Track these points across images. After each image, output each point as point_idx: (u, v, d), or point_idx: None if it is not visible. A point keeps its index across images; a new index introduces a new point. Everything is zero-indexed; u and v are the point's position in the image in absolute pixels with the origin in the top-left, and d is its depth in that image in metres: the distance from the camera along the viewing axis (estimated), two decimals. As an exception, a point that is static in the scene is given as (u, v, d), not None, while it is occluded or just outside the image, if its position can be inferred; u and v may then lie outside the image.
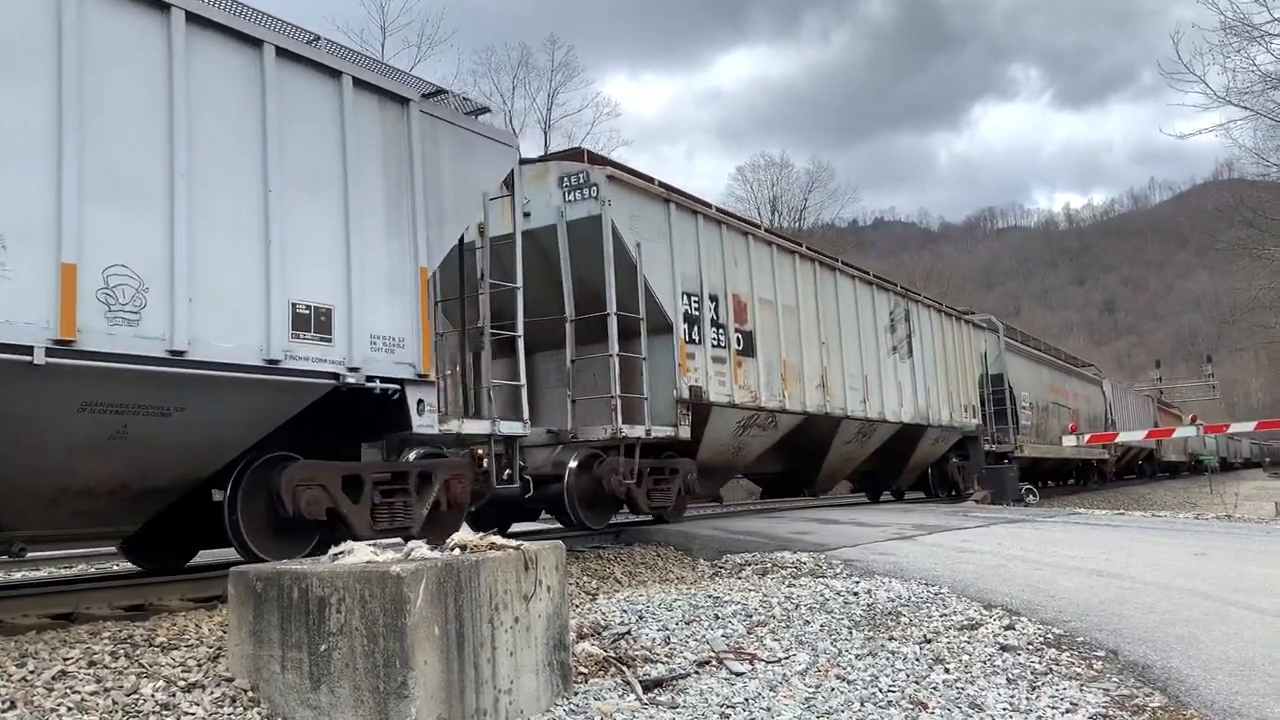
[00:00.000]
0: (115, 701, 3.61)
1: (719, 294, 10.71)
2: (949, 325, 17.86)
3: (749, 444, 11.62)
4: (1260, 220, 25.51)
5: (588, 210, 9.41)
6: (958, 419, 17.37)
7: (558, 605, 4.16)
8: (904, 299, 15.83)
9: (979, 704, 3.97)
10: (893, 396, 14.72)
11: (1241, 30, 20.18)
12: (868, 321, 14.35)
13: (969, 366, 18.55)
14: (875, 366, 14.26)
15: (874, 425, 14.19)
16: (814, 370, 12.50)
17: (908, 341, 15.64)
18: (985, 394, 19.70)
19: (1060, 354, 30.92)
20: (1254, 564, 7.65)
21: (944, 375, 17.02)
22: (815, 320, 12.72)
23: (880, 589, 6.51)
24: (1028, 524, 11.30)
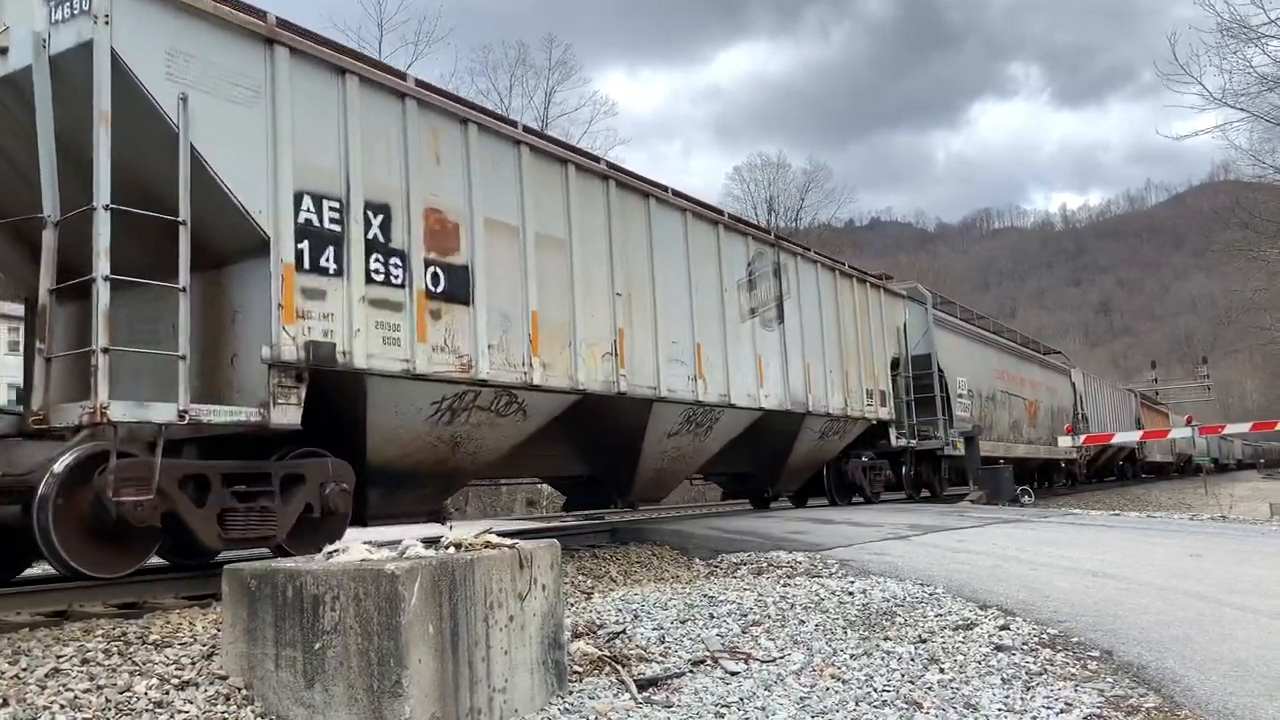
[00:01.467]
0: (109, 699, 3.60)
1: (393, 204, 6.99)
2: (847, 289, 14.44)
3: (477, 438, 8.06)
4: (1256, 222, 25.55)
5: (78, 34, 5.64)
6: (856, 407, 14.06)
7: (553, 604, 4.16)
8: (773, 249, 12.33)
9: (974, 704, 3.97)
10: (748, 375, 11.29)
11: (1238, 32, 20.23)
12: (708, 273, 10.81)
13: (878, 343, 15.27)
14: (718, 333, 10.79)
15: (713, 412, 10.72)
16: (600, 332, 8.93)
17: (777, 305, 12.14)
18: (905, 378, 16.61)
19: (1016, 336, 27.16)
20: (1249, 565, 7.67)
21: (836, 351, 13.63)
22: (606, 262, 9.18)
23: (875, 589, 6.51)
24: (1023, 524, 11.32)
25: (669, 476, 10.98)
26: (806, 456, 13.76)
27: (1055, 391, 27.68)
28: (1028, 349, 27.03)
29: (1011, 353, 24.48)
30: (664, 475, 10.81)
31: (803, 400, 12.55)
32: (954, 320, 20.79)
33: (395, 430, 7.30)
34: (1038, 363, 27.02)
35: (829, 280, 13.90)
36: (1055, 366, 29.00)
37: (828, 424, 13.52)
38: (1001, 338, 24.72)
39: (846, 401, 13.78)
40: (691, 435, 10.69)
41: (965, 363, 19.99)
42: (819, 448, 13.89)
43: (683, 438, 10.59)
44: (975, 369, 20.65)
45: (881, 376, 15.19)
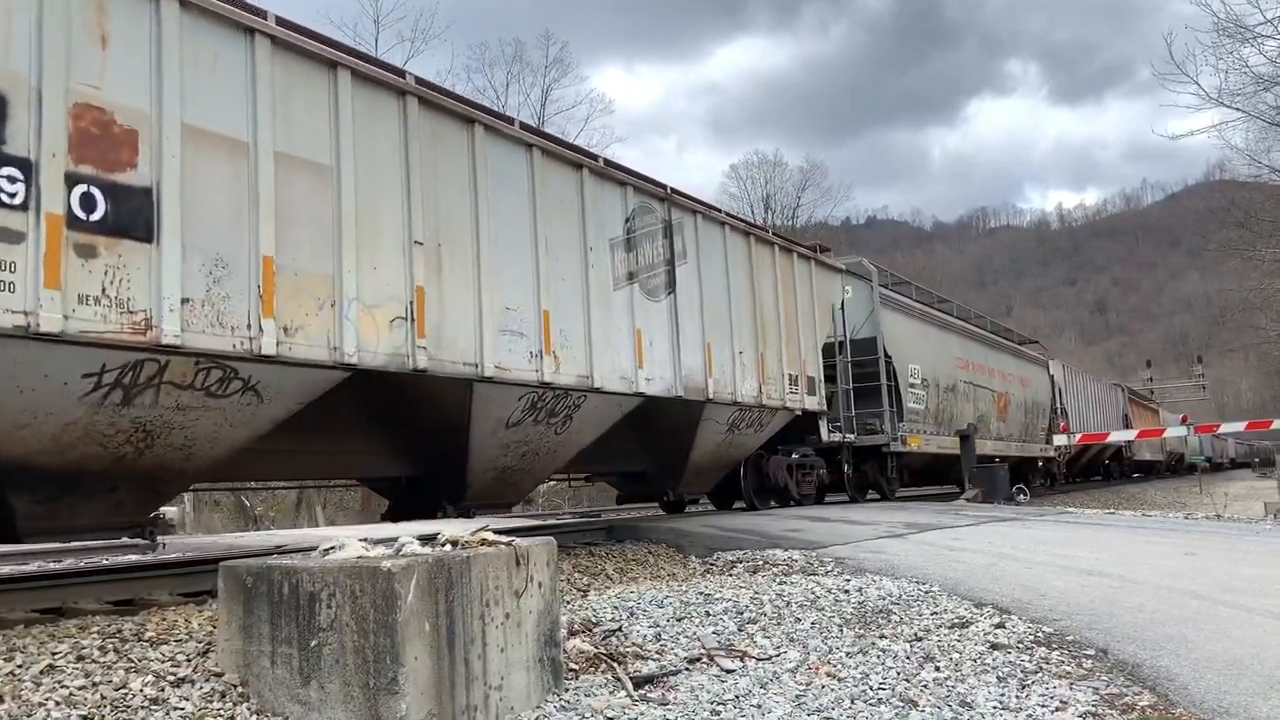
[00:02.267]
0: (104, 696, 3.59)
1: (11, 93, 4.95)
2: (767, 258, 12.24)
3: (184, 426, 5.97)
4: (1252, 222, 25.59)
5: None
6: (776, 395, 11.98)
7: (549, 602, 4.16)
8: (663, 204, 10.17)
9: (969, 702, 3.98)
10: (623, 353, 9.19)
11: (1234, 31, 20.26)
12: (565, 227, 8.68)
13: (807, 322, 13.03)
14: (578, 301, 8.73)
15: (570, 397, 8.64)
16: (388, 290, 6.80)
17: (667, 271, 10.07)
18: (845, 364, 14.82)
19: (986, 323, 24.57)
20: (1243, 563, 7.69)
21: (749, 330, 11.57)
22: (400, 201, 6.99)
23: (871, 587, 6.52)
24: (1018, 522, 11.33)
25: (519, 476, 8.92)
26: (714, 453, 11.66)
27: (1030, 384, 25.47)
28: (1000, 337, 24.72)
29: (978, 340, 22.21)
30: (511, 475, 8.76)
31: (701, 385, 10.41)
32: (906, 301, 18.62)
33: (25, 413, 5.24)
34: (1010, 352, 24.76)
35: (741, 246, 11.68)
36: (1031, 357, 26.91)
37: (738, 415, 11.38)
38: (968, 323, 22.47)
39: (762, 389, 11.64)
40: (543, 426, 8.59)
41: (919, 349, 17.98)
42: (730, 442, 11.74)
43: (529, 429, 8.45)
44: (932, 356, 18.56)
45: (811, 361, 12.99)
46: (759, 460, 12.86)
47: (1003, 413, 22.57)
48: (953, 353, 19.96)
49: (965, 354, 20.74)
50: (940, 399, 18.70)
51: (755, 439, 12.26)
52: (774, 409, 12.05)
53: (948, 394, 19.16)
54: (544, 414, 8.53)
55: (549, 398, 8.42)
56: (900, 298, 18.40)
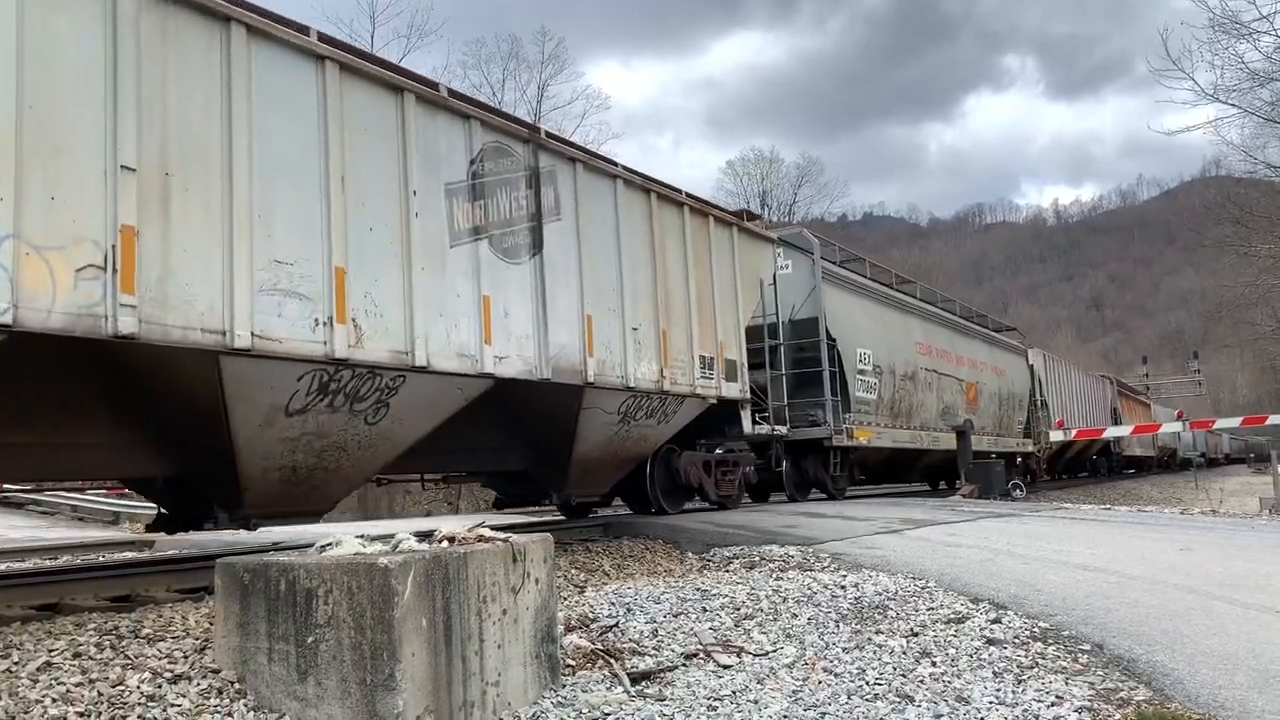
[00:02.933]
0: (101, 693, 3.59)
1: None
2: (673, 221, 10.47)
3: None
4: (1247, 217, 25.65)
5: None
6: (683, 380, 10.23)
7: (546, 598, 4.16)
8: (527, 146, 8.36)
9: (965, 697, 3.99)
10: (462, 324, 7.46)
11: (1230, 27, 20.30)
12: (378, 165, 6.89)
13: (727, 298, 11.31)
14: (394, 257, 6.93)
15: (383, 378, 6.83)
16: (72, 228, 5.07)
17: (531, 228, 8.32)
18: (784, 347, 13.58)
19: (955, 306, 22.40)
20: (1239, 559, 7.70)
21: (648, 303, 9.81)
22: (100, 111, 5.29)
23: (868, 583, 6.53)
24: (1014, 518, 11.35)
25: (323, 478, 6.95)
26: (606, 448, 9.72)
27: (1005, 373, 23.49)
28: (970, 322, 22.65)
29: (944, 325, 20.28)
30: (308, 476, 6.85)
31: (578, 367, 8.67)
32: (857, 279, 16.89)
33: None
34: (983, 339, 22.81)
35: (640, 205, 9.93)
36: (1008, 345, 24.84)
37: (632, 402, 9.56)
38: (934, 306, 20.58)
39: (665, 373, 9.91)
40: (345, 414, 6.70)
41: (872, 332, 16.31)
42: (626, 435, 9.85)
43: (323, 417, 6.61)
44: (888, 340, 16.85)
45: (731, 342, 11.27)
46: (669, 456, 11.06)
47: (972, 404, 20.70)
48: (913, 337, 18.11)
49: (928, 339, 18.85)
50: (897, 388, 16.94)
51: (660, 431, 10.37)
52: (681, 396, 10.22)
53: (906, 382, 17.34)
54: (343, 398, 6.60)
55: (347, 378, 6.51)
56: (849, 275, 16.64)
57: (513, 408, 8.69)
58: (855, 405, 15.21)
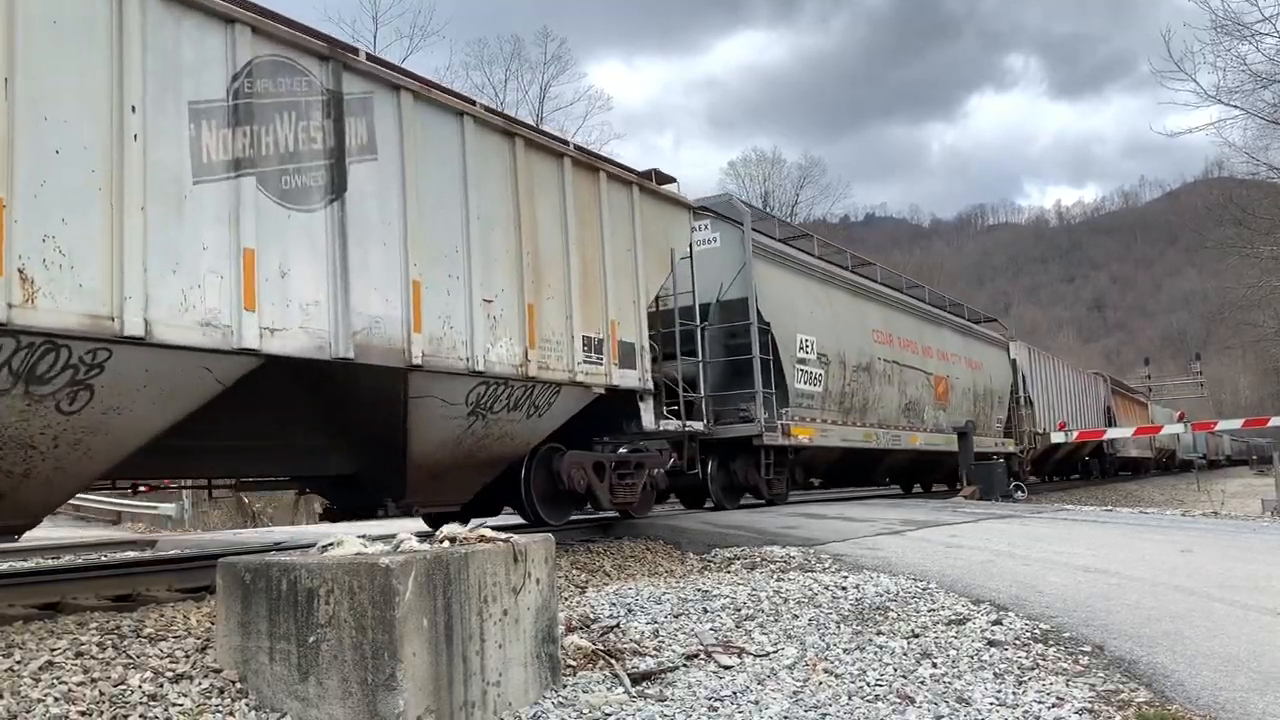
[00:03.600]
0: (102, 692, 3.60)
1: None
2: (548, 172, 8.62)
3: None
4: (1249, 219, 25.65)
5: None
6: (559, 365, 8.47)
7: (546, 598, 4.17)
8: (325, 64, 6.65)
9: (966, 698, 3.99)
10: (211, 284, 5.72)
11: (1232, 29, 20.30)
12: (67, 66, 5.13)
13: (624, 269, 9.48)
14: (97, 190, 5.21)
15: (70, 352, 5.09)
16: None
17: (330, 167, 6.57)
18: (705, 331, 11.89)
19: (924, 293, 20.21)
20: (1240, 561, 7.70)
21: (509, 269, 8.02)
22: None
23: (868, 584, 6.53)
24: (1016, 520, 11.35)
25: (5, 485, 5.27)
26: (457, 446, 7.89)
27: (982, 367, 21.39)
28: (944, 311, 20.47)
29: (908, 312, 18.24)
30: None
31: (398, 345, 6.86)
32: (797, 256, 14.66)
33: None
34: (956, 329, 20.59)
35: (499, 151, 8.02)
36: (987, 337, 22.56)
37: (486, 391, 7.74)
38: (899, 292, 18.69)
39: (530, 355, 8.07)
40: (17, 399, 5.04)
41: (817, 316, 14.32)
42: (484, 432, 8.00)
43: None
44: (837, 327, 14.86)
45: (628, 322, 9.39)
46: (550, 457, 9.22)
47: (942, 399, 18.73)
48: (870, 325, 16.16)
49: (889, 327, 16.88)
50: (849, 380, 14.92)
51: (531, 427, 8.52)
52: (555, 384, 8.41)
53: (859, 374, 15.34)
54: (8, 376, 4.92)
55: (9, 348, 4.85)
56: (789, 251, 14.51)
57: (326, 397, 7.18)
58: (795, 399, 13.25)
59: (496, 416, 8.06)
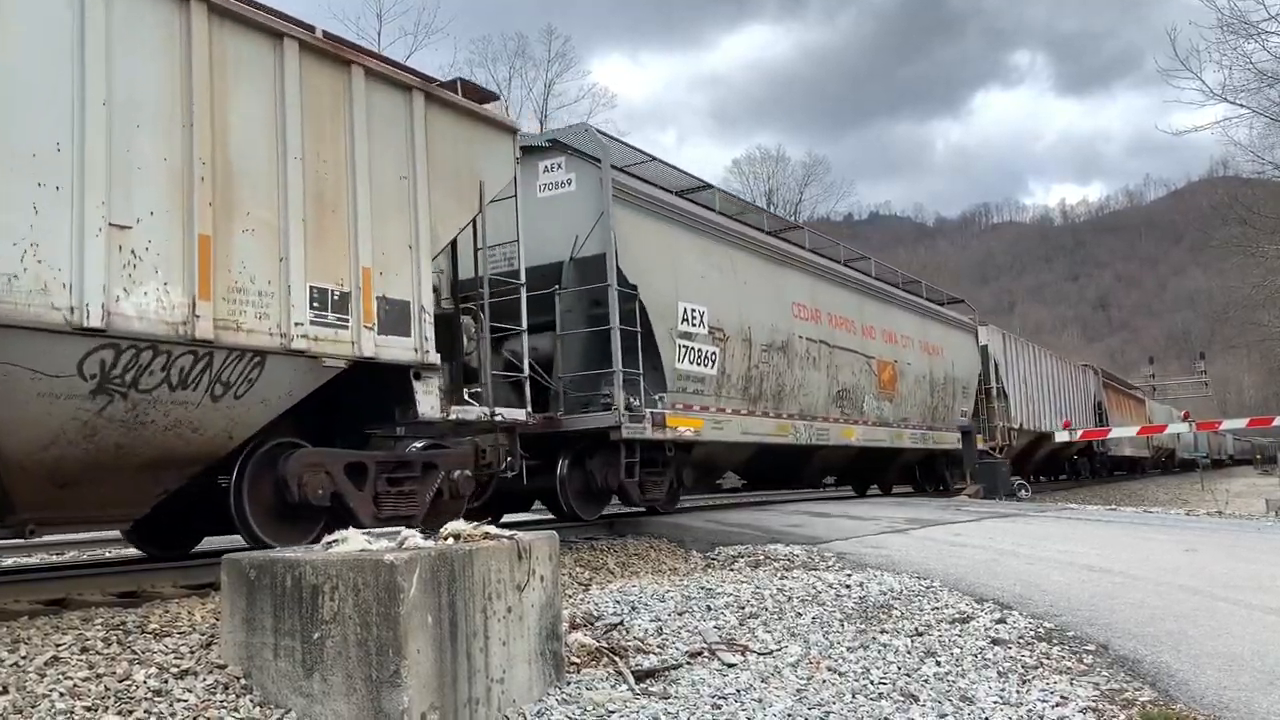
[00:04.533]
0: (107, 687, 3.61)
1: None
2: (253, 54, 6.26)
3: None
4: (1255, 218, 25.61)
5: None
6: (262, 325, 6.08)
7: (551, 595, 4.17)
8: None
9: (970, 697, 3.99)
10: None
11: (1238, 27, 20.27)
12: None
13: (390, 199, 7.19)
14: None
15: None
16: None
17: None
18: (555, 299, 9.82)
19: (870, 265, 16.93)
20: (1244, 560, 7.69)
21: (163, 183, 5.61)
22: None
23: (872, 582, 6.53)
24: (1019, 518, 11.35)
25: None
26: (87, 440, 5.50)
27: (942, 353, 18.45)
28: (891, 285, 17.41)
29: (842, 283, 15.05)
30: None
31: None
32: (680, 206, 11.40)
33: None
34: (909, 308, 17.59)
35: (151, 15, 5.66)
36: (949, 319, 19.56)
37: (119, 359, 5.41)
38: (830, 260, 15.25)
39: (201, 309, 5.70)
40: None
41: (709, 282, 11.27)
42: (136, 420, 5.61)
43: None
44: (740, 296, 11.86)
45: (400, 273, 7.15)
46: (274, 457, 6.66)
47: (888, 388, 15.88)
48: (789, 296, 13.15)
49: (816, 301, 13.86)
50: (757, 362, 12.03)
51: (226, 414, 6.09)
52: (257, 352, 6.06)
53: (772, 355, 12.40)
54: None
55: None
56: (671, 201, 11.28)
57: None
58: (677, 382, 10.48)
59: (150, 397, 5.64)
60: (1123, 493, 30.12)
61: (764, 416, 12.28)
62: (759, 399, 12.22)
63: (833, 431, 13.91)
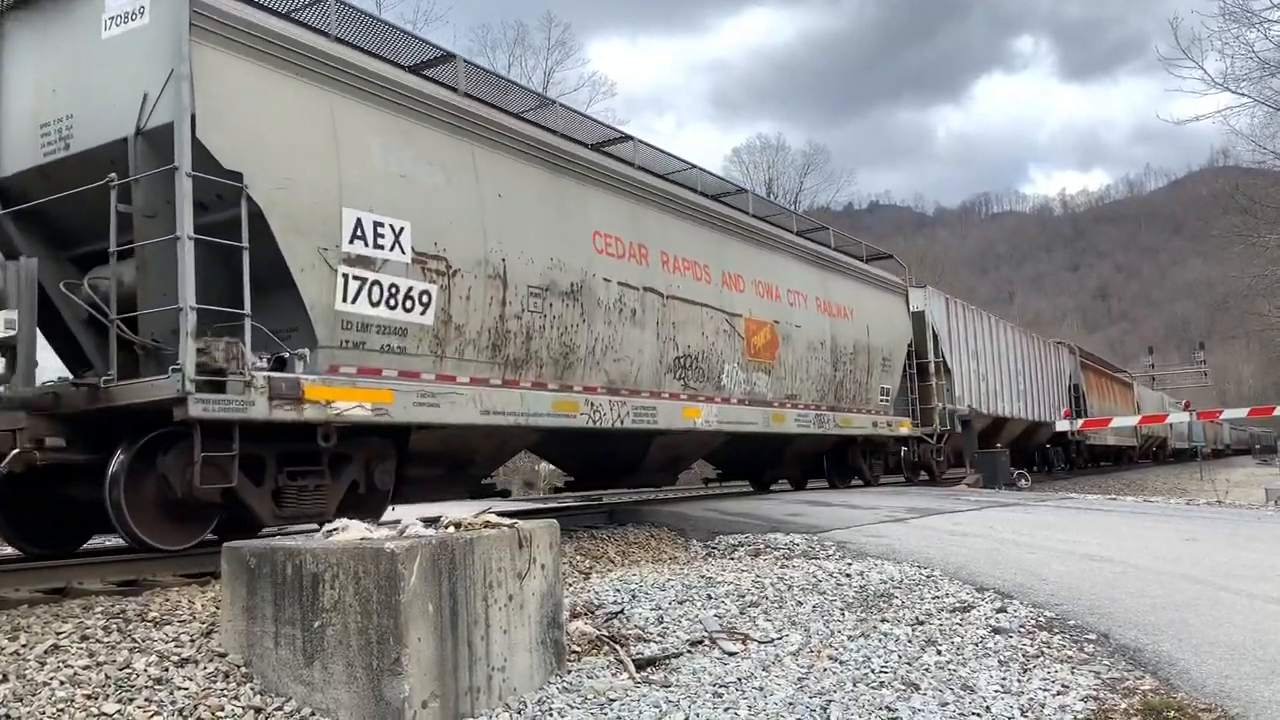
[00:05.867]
0: (108, 676, 3.60)
1: None
2: None
3: None
4: (1256, 207, 25.55)
5: None
6: None
7: (551, 584, 4.16)
8: None
9: (971, 686, 3.99)
10: None
11: (1240, 16, 20.21)
12: None
13: None
14: None
15: None
16: None
17: None
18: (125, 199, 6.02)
19: (748, 199, 12.93)
20: (1244, 549, 7.69)
21: None
22: None
23: (873, 571, 6.53)
24: (1019, 508, 11.35)
25: None
26: None
27: (853, 316, 14.60)
28: (768, 224, 13.01)
29: (688, 214, 11.02)
30: None
31: None
32: (343, 60, 7.19)
33: None
34: (800, 256, 13.52)
35: None
36: (865, 275, 15.79)
37: None
38: (666, 180, 11.03)
39: None
40: None
41: (412, 186, 7.52)
42: None
43: None
44: (484, 213, 8.09)
45: None
46: None
47: (763, 354, 12.05)
48: (588, 223, 9.33)
49: (639, 234, 10.00)
50: (520, 310, 8.29)
51: None
52: None
53: (552, 302, 8.64)
54: None
55: None
56: (329, 50, 7.11)
57: None
58: (344, 333, 6.86)
59: None
60: (1122, 482, 30.10)
61: (534, 389, 8.42)
62: (524, 364, 8.33)
63: (665, 411, 9.97)
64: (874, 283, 16.13)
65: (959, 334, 19.64)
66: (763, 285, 12.45)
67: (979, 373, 20.40)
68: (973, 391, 19.79)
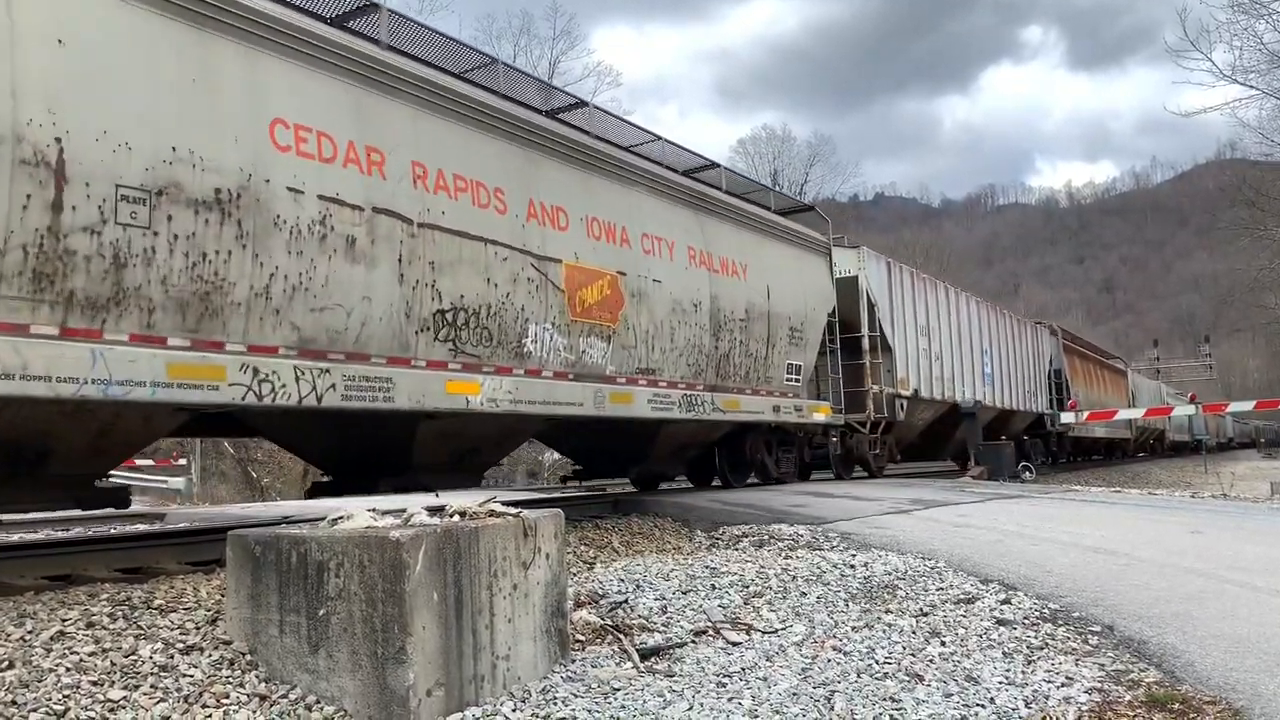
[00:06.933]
0: (114, 663, 3.61)
1: None
2: None
3: None
4: (1262, 200, 25.45)
5: None
6: None
7: (556, 573, 4.17)
8: None
9: (975, 677, 3.98)
10: None
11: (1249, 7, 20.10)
12: None
13: None
14: None
15: None
16: None
17: None
18: None
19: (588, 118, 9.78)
20: (1249, 542, 7.68)
21: None
22: None
23: (877, 562, 6.53)
24: (1024, 500, 11.34)
25: None
26: None
27: (747, 276, 11.45)
28: (614, 146, 9.87)
29: (460, 115, 7.68)
30: None
31: None
32: None
33: None
34: (666, 193, 10.37)
35: None
36: (765, 225, 12.31)
37: None
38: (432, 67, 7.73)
39: None
40: None
41: None
42: None
43: None
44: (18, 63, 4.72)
45: None
46: None
47: (597, 315, 8.95)
48: (268, 105, 6.11)
49: (368, 131, 6.76)
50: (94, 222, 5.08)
51: None
52: None
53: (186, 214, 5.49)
54: None
55: None
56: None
57: None
58: None
59: None
60: (1126, 475, 30.02)
61: (134, 343, 5.30)
62: (113, 305, 5.25)
63: (410, 384, 6.93)
64: (781, 235, 12.68)
65: (904, 305, 16.60)
66: (600, 225, 9.29)
67: (930, 352, 17.31)
68: (921, 373, 16.85)
